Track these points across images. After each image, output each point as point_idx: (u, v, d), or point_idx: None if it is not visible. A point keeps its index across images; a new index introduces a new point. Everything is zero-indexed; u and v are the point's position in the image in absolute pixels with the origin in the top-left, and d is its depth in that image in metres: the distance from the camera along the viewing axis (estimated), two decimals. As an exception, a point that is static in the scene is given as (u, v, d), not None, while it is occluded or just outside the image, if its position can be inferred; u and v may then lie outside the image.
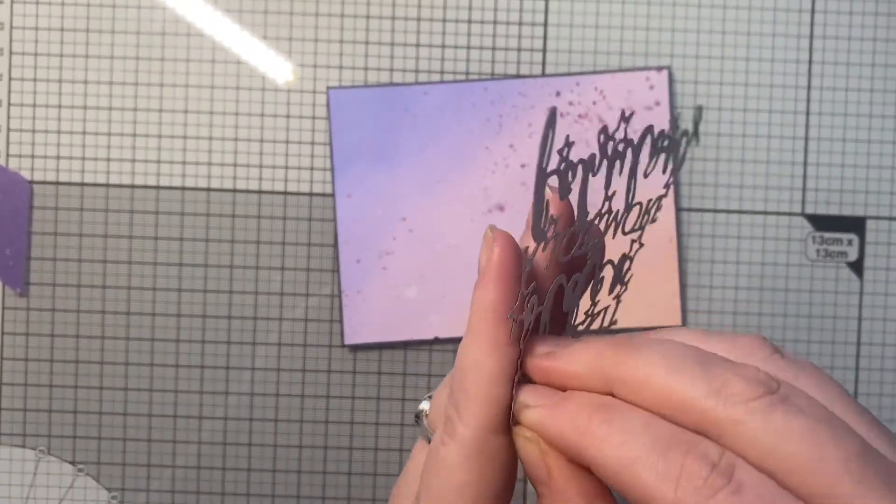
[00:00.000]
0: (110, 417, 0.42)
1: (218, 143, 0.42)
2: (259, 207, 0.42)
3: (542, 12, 0.42)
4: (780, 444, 0.20)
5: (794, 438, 0.20)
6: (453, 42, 0.42)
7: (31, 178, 0.42)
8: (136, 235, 0.42)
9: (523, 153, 0.42)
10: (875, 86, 0.42)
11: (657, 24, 0.42)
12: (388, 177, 0.42)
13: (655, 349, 0.23)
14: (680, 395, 0.21)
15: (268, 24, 0.42)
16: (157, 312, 0.42)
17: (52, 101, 0.42)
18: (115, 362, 0.42)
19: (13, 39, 0.42)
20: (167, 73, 0.42)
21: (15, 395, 0.42)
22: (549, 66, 0.42)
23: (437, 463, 0.24)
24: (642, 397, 0.22)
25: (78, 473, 0.43)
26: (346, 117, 0.42)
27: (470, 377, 0.24)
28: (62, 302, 0.42)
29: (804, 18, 0.42)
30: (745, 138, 0.42)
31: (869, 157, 0.42)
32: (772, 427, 0.20)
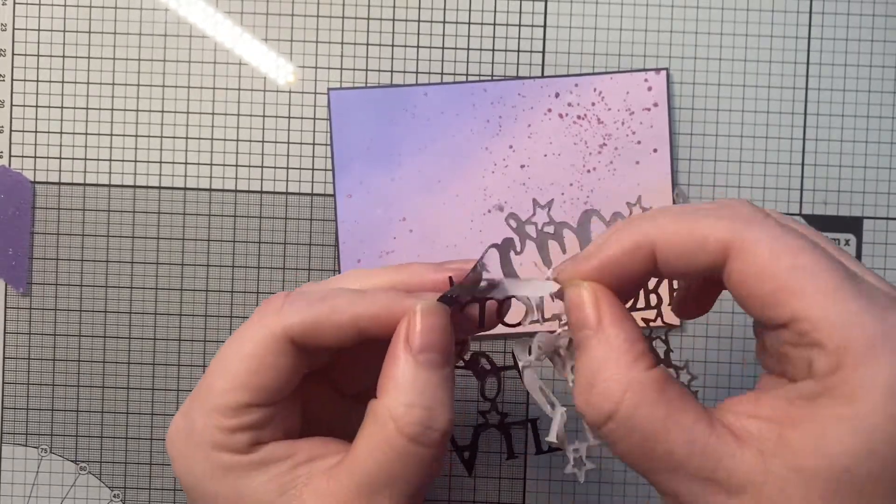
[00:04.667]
0: (112, 416, 0.43)
1: (219, 143, 0.42)
2: (260, 208, 0.42)
3: (542, 14, 0.42)
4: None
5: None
6: (453, 43, 0.42)
7: (33, 179, 0.42)
8: (137, 235, 0.42)
9: (523, 154, 0.42)
10: (872, 87, 0.43)
11: (655, 25, 0.42)
12: (388, 177, 0.42)
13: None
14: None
15: (269, 25, 0.42)
16: (158, 312, 0.43)
17: (54, 102, 0.42)
18: (118, 361, 0.43)
19: (15, 40, 0.42)
20: (169, 74, 0.42)
21: (17, 393, 0.43)
22: (548, 67, 0.42)
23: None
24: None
25: (80, 472, 0.43)
26: (346, 118, 0.42)
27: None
28: (64, 301, 0.42)
29: (802, 20, 0.43)
30: (742, 139, 0.42)
31: (866, 157, 0.43)
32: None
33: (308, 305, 0.28)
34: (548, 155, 0.42)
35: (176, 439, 0.29)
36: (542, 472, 0.43)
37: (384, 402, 0.27)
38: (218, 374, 0.28)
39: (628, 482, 0.43)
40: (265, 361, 0.28)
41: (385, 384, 0.27)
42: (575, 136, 0.42)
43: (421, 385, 0.27)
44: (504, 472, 0.43)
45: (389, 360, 0.27)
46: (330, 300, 0.28)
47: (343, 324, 0.28)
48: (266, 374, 0.28)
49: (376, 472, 0.27)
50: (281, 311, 0.28)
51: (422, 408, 0.26)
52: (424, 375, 0.27)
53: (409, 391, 0.27)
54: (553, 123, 0.42)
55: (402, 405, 0.26)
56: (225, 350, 0.28)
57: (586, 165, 0.42)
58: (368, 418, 0.27)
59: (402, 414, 0.26)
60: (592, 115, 0.42)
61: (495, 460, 0.43)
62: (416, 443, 0.26)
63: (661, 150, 0.42)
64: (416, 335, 0.27)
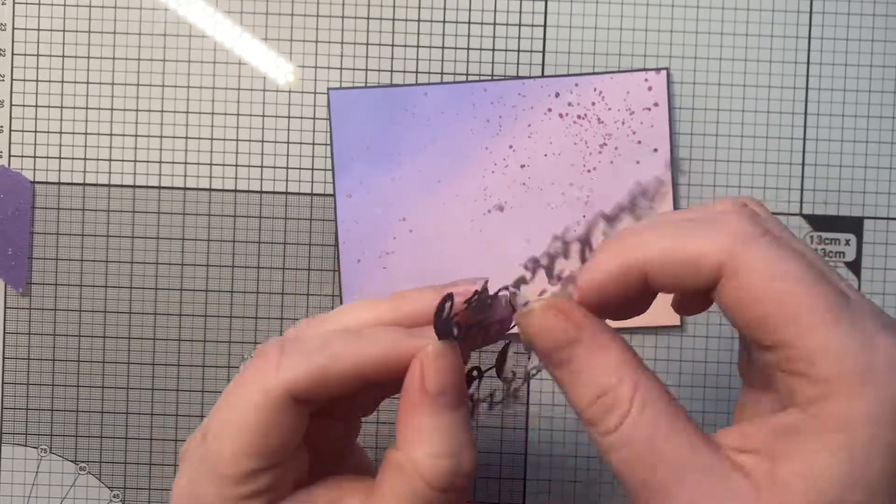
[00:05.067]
0: (112, 416, 0.43)
1: (219, 143, 0.42)
2: (260, 207, 0.42)
3: (542, 13, 0.42)
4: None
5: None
6: (453, 43, 0.42)
7: (33, 179, 0.42)
8: (137, 235, 0.42)
9: (523, 154, 0.42)
10: (873, 87, 0.42)
11: (656, 25, 0.42)
12: (388, 177, 0.42)
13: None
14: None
15: (268, 25, 0.42)
16: (158, 312, 0.42)
17: (53, 102, 0.42)
18: (117, 361, 0.43)
19: (15, 40, 0.42)
20: (168, 74, 0.42)
21: (17, 394, 0.43)
22: (548, 67, 0.42)
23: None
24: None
25: (80, 472, 0.43)
26: (346, 118, 0.42)
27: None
28: (64, 302, 0.42)
29: (802, 19, 0.42)
30: (742, 139, 0.42)
31: (867, 157, 0.43)
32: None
33: (307, 358, 0.26)
34: (548, 155, 0.42)
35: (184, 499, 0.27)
36: (542, 472, 0.43)
37: (408, 454, 0.26)
38: (223, 442, 0.26)
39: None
40: (270, 424, 0.26)
41: (406, 435, 0.26)
42: (575, 135, 0.42)
43: (444, 432, 0.26)
44: (504, 473, 0.43)
45: (407, 409, 0.26)
46: (328, 348, 0.27)
47: (346, 373, 0.26)
48: (273, 437, 0.26)
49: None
50: (279, 368, 0.26)
51: (449, 457, 0.25)
52: (446, 421, 0.26)
53: (433, 441, 0.25)
54: (553, 123, 0.42)
55: (429, 457, 0.25)
56: (224, 416, 0.27)
57: (586, 165, 0.42)
58: (391, 470, 0.26)
59: (431, 466, 0.25)
60: (593, 115, 0.42)
61: (495, 460, 0.43)
62: (445, 492, 0.26)
63: (661, 149, 0.42)
64: (431, 379, 0.26)
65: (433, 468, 0.25)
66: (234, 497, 0.26)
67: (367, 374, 0.27)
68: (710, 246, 0.24)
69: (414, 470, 0.25)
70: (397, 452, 0.26)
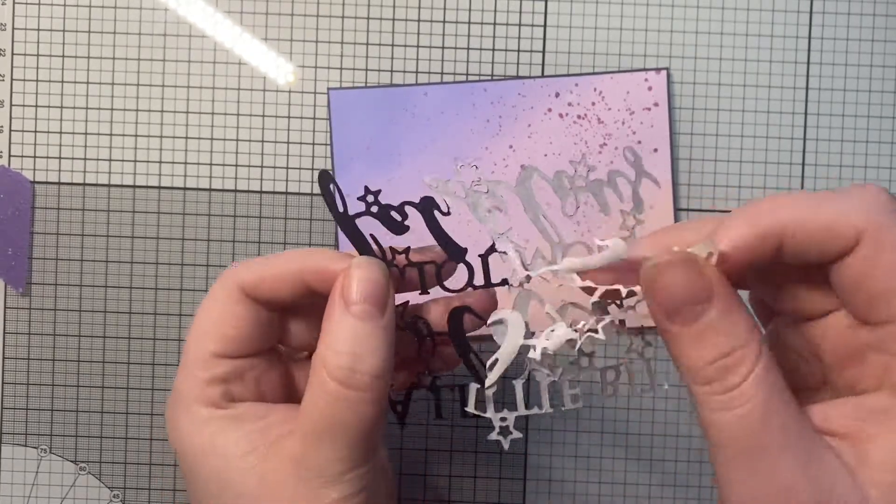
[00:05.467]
0: (112, 416, 0.43)
1: (219, 143, 0.42)
2: (260, 207, 0.42)
3: (542, 14, 0.42)
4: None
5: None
6: (453, 43, 0.42)
7: (32, 179, 0.42)
8: (137, 235, 0.42)
9: (523, 153, 0.42)
10: (873, 86, 0.42)
11: (656, 25, 0.42)
12: (388, 177, 0.42)
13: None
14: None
15: (268, 25, 0.42)
16: (158, 312, 0.42)
17: (53, 102, 0.42)
18: (117, 361, 0.43)
19: (15, 40, 0.42)
20: (168, 74, 0.42)
21: (17, 394, 0.43)
22: (548, 67, 0.42)
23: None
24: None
25: (80, 472, 0.43)
26: (346, 118, 0.42)
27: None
28: (64, 302, 0.42)
29: (802, 19, 0.42)
30: (743, 139, 0.42)
31: (866, 157, 0.43)
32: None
33: (257, 262, 0.31)
34: (548, 155, 0.42)
35: (168, 408, 0.31)
36: (542, 472, 0.43)
37: (318, 350, 0.28)
38: (189, 333, 0.31)
39: (628, 483, 0.43)
40: (224, 311, 0.30)
41: (322, 336, 0.29)
42: (575, 135, 0.42)
43: (348, 332, 0.28)
44: (504, 473, 0.43)
45: (326, 312, 0.29)
46: (277, 257, 0.31)
47: (288, 275, 0.30)
48: (227, 324, 0.30)
49: (318, 418, 0.28)
50: (237, 270, 0.31)
51: (348, 353, 0.28)
52: (352, 323, 0.28)
53: (337, 338, 0.28)
54: (553, 123, 0.42)
55: (330, 350, 0.28)
56: (195, 316, 0.31)
57: (586, 165, 0.42)
58: (310, 371, 0.29)
59: (330, 357, 0.28)
60: (593, 115, 0.42)
61: (495, 460, 0.43)
62: (345, 386, 0.27)
63: (661, 149, 0.42)
64: (349, 286, 0.28)
65: (332, 360, 0.28)
66: (196, 381, 0.30)
67: (308, 280, 0.30)
68: (852, 212, 0.24)
69: (320, 364, 0.28)
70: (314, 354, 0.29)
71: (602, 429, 0.43)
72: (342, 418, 0.28)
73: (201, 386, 0.30)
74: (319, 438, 0.28)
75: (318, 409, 0.28)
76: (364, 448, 0.28)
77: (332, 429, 0.28)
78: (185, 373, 0.30)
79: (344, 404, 0.28)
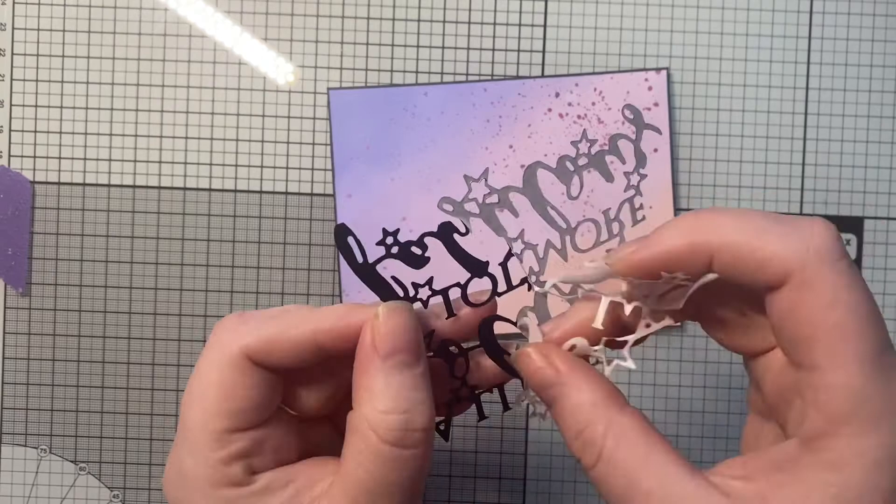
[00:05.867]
0: (112, 416, 0.43)
1: (219, 143, 0.42)
2: (260, 207, 0.42)
3: (542, 14, 0.42)
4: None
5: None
6: (453, 43, 0.42)
7: (32, 179, 0.42)
8: (137, 235, 0.42)
9: (523, 153, 0.42)
10: (873, 86, 0.42)
11: (656, 25, 0.42)
12: (388, 177, 0.42)
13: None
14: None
15: (268, 25, 0.42)
16: (158, 312, 0.42)
17: (53, 102, 0.42)
18: (117, 362, 0.43)
19: (15, 40, 0.42)
20: (168, 74, 0.42)
21: (17, 394, 0.43)
22: (548, 67, 0.42)
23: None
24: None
25: (80, 472, 0.43)
26: (346, 118, 0.42)
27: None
28: (64, 302, 0.42)
29: (802, 19, 0.42)
30: (743, 139, 0.42)
31: (867, 157, 0.43)
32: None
33: (262, 323, 0.28)
34: (548, 155, 0.42)
35: (171, 488, 0.28)
36: (542, 472, 0.43)
37: (361, 412, 0.27)
38: (191, 408, 0.28)
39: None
40: (232, 383, 0.27)
41: (359, 394, 0.27)
42: (575, 135, 0.42)
43: (394, 390, 0.26)
44: (504, 472, 0.43)
45: (359, 369, 0.27)
46: (284, 317, 0.28)
47: (300, 339, 0.27)
48: (236, 397, 0.27)
49: (368, 482, 0.26)
50: (237, 331, 0.28)
51: (398, 413, 0.26)
52: (397, 379, 0.26)
53: (382, 398, 0.26)
54: (553, 123, 0.42)
55: (379, 413, 0.26)
56: (191, 384, 0.28)
57: (586, 165, 0.42)
58: (349, 431, 0.27)
59: (381, 421, 0.26)
60: (592, 115, 0.42)
61: (495, 460, 0.43)
62: (399, 447, 0.26)
63: (661, 149, 0.42)
64: (382, 339, 0.27)
65: (383, 423, 0.26)
66: (211, 463, 0.27)
67: (321, 342, 0.27)
68: (788, 249, 0.23)
69: (367, 426, 0.26)
70: (352, 413, 0.27)
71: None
72: (397, 478, 0.26)
73: (217, 466, 0.27)
74: (373, 501, 0.26)
75: (369, 472, 0.26)
76: (416, 500, 0.28)
77: (386, 489, 0.26)
78: (193, 454, 0.27)
79: (398, 465, 0.26)
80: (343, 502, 0.26)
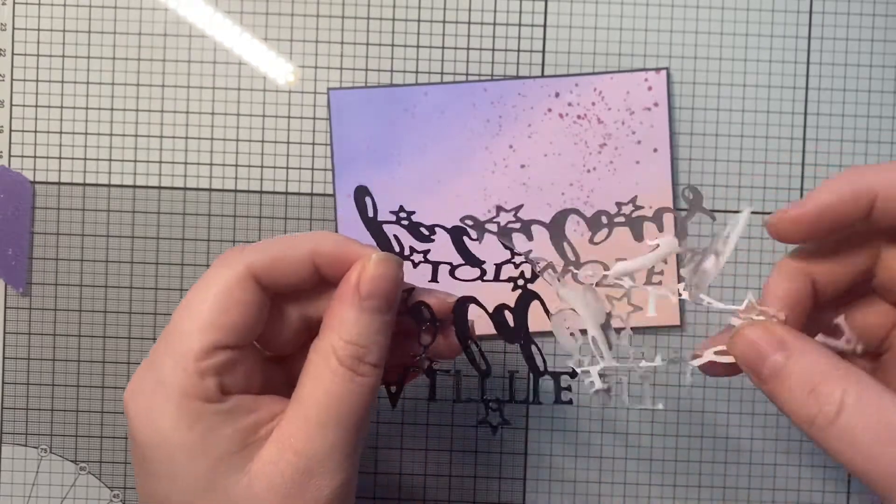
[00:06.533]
0: (112, 416, 0.43)
1: (219, 143, 0.42)
2: (260, 207, 0.42)
3: (542, 14, 0.42)
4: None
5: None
6: (453, 43, 0.42)
7: (33, 179, 0.42)
8: (137, 235, 0.42)
9: (523, 153, 0.42)
10: (873, 86, 0.43)
11: (655, 25, 0.42)
12: (388, 177, 0.42)
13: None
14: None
15: (269, 25, 0.42)
16: (158, 312, 0.43)
17: (53, 102, 0.42)
18: (117, 361, 0.43)
19: (15, 40, 0.42)
20: (168, 74, 0.42)
21: (17, 394, 0.43)
22: (548, 67, 0.42)
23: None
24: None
25: (80, 472, 0.43)
26: (346, 118, 0.42)
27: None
28: (64, 301, 0.42)
29: (802, 19, 0.43)
30: (742, 139, 0.42)
31: (866, 157, 0.43)
32: None
33: (268, 244, 0.30)
34: (548, 155, 0.42)
35: (139, 393, 0.29)
36: (542, 472, 0.43)
37: (328, 338, 0.29)
38: (185, 318, 0.29)
39: (628, 482, 0.43)
40: (233, 299, 0.29)
41: (329, 323, 0.29)
42: (575, 135, 0.42)
43: (362, 326, 0.29)
44: (504, 472, 0.43)
45: (336, 301, 0.29)
46: (288, 239, 0.30)
47: (301, 259, 0.30)
48: (234, 312, 0.29)
49: (324, 402, 0.28)
50: (243, 252, 0.29)
51: (359, 345, 0.29)
52: (367, 318, 0.29)
53: (350, 329, 0.29)
54: (553, 123, 0.42)
55: (343, 341, 0.29)
56: (190, 297, 0.29)
57: (586, 165, 0.42)
58: (312, 356, 0.29)
59: (342, 348, 0.29)
60: (592, 115, 0.42)
61: (495, 460, 0.43)
62: (353, 372, 0.29)
63: (661, 149, 0.42)
64: (367, 282, 0.29)
65: (344, 349, 0.29)
66: (191, 372, 0.28)
67: (319, 264, 0.30)
68: None
69: (330, 350, 0.29)
70: (320, 340, 0.29)
71: (602, 428, 0.43)
72: (349, 403, 0.28)
73: (194, 377, 0.28)
74: (324, 425, 0.28)
75: (326, 391, 0.28)
76: (361, 436, 0.29)
77: (339, 415, 0.28)
78: (174, 360, 0.28)
79: (351, 387, 0.29)
80: (299, 423, 0.28)
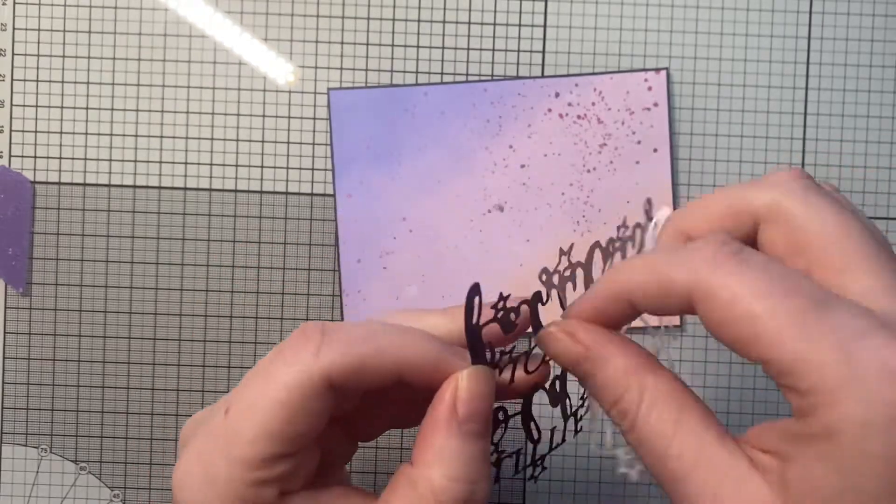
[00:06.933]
0: (112, 416, 0.43)
1: (219, 143, 0.42)
2: (260, 208, 0.42)
3: (542, 14, 0.42)
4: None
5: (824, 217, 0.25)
6: (453, 43, 0.42)
7: (33, 179, 0.42)
8: (137, 235, 0.42)
9: (523, 154, 0.42)
10: (873, 86, 0.43)
11: (655, 25, 0.42)
12: (388, 177, 0.42)
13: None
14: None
15: (269, 25, 0.42)
16: (158, 312, 0.43)
17: (54, 102, 0.42)
18: (118, 361, 0.43)
19: (15, 40, 0.42)
20: (168, 74, 0.42)
21: (17, 393, 0.43)
22: (548, 67, 0.42)
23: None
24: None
25: (80, 472, 0.43)
26: (346, 118, 0.42)
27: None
28: (64, 301, 0.42)
29: (802, 19, 0.43)
30: (742, 139, 0.42)
31: (866, 157, 0.43)
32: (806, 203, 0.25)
33: (349, 346, 0.25)
34: (548, 155, 0.42)
35: (190, 486, 0.26)
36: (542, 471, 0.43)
37: (425, 473, 0.25)
38: (246, 419, 0.25)
39: (629, 482, 0.43)
40: (301, 408, 0.25)
41: (426, 454, 0.26)
42: (575, 136, 0.42)
43: (466, 458, 0.25)
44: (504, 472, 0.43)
45: (431, 427, 0.26)
46: (374, 341, 0.26)
47: (384, 368, 0.26)
48: (301, 422, 0.25)
49: None
50: (320, 352, 0.25)
51: (466, 482, 0.25)
52: (469, 448, 0.26)
53: (453, 465, 0.25)
54: (553, 123, 0.42)
55: (446, 479, 0.25)
56: (252, 392, 0.25)
57: (586, 165, 0.42)
58: (403, 484, 0.26)
59: (446, 488, 0.25)
60: (592, 115, 0.42)
61: (495, 460, 0.43)
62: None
63: (661, 150, 0.42)
64: (463, 403, 0.26)
65: (448, 491, 0.25)
66: (246, 481, 0.25)
67: (404, 374, 0.26)
68: (679, 275, 0.24)
69: (428, 489, 0.25)
70: (413, 469, 0.26)
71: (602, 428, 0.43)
72: None
73: (253, 486, 0.25)
74: None
75: None
76: None
77: None
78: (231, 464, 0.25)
79: None
80: None
